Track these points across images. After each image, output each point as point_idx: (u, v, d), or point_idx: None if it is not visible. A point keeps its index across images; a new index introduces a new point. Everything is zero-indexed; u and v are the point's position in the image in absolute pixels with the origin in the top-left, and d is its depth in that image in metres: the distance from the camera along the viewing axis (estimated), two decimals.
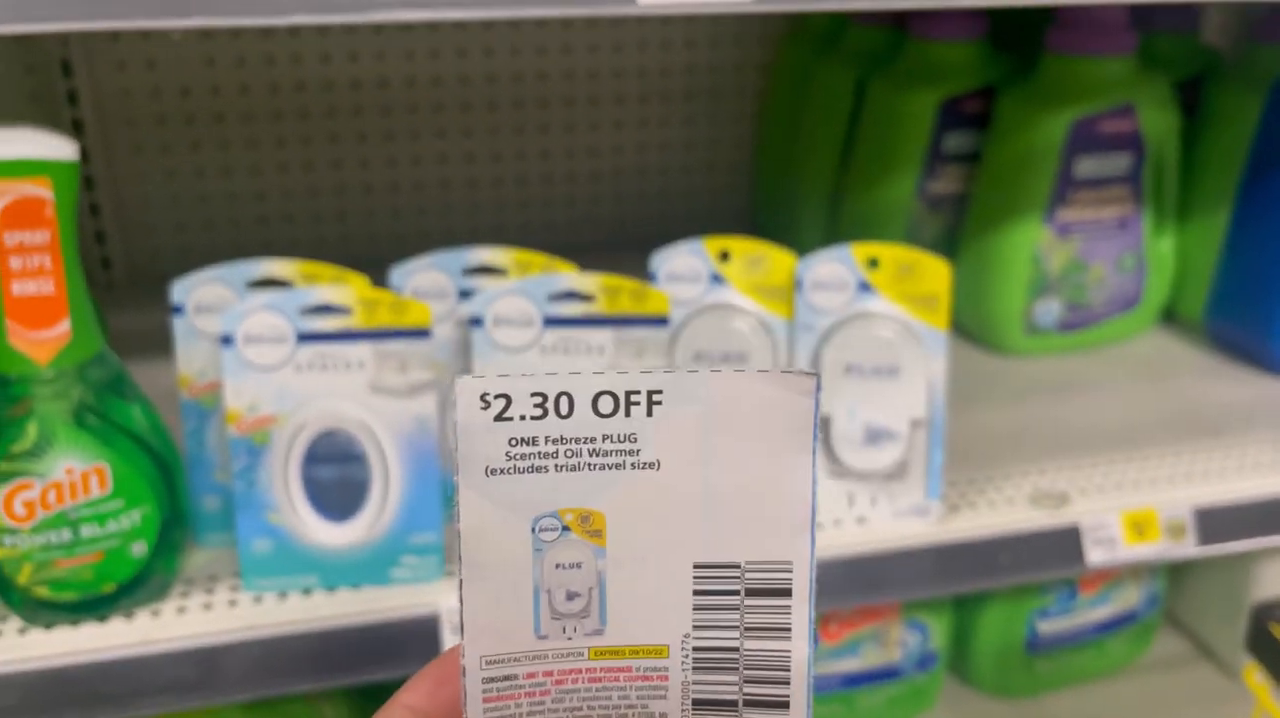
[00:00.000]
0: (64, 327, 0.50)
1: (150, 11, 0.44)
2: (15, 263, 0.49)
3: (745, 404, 0.25)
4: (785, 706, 0.27)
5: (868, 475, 0.63)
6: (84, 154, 0.84)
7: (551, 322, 0.59)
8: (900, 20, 0.91)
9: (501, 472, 0.25)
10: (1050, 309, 0.86)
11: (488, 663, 0.26)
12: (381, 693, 0.34)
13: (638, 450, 0.26)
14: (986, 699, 0.91)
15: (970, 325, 0.90)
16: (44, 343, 0.50)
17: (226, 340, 0.55)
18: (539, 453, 0.25)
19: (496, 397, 0.25)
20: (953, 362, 0.64)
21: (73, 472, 0.52)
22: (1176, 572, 0.94)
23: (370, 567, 0.58)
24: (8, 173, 0.48)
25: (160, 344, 0.69)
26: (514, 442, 0.25)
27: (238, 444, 0.56)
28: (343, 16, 0.46)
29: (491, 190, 1.06)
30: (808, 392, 0.25)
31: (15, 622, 0.55)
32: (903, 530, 0.63)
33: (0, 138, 0.48)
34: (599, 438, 0.25)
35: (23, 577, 0.53)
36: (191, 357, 0.60)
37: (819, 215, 0.97)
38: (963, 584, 0.64)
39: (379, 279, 0.60)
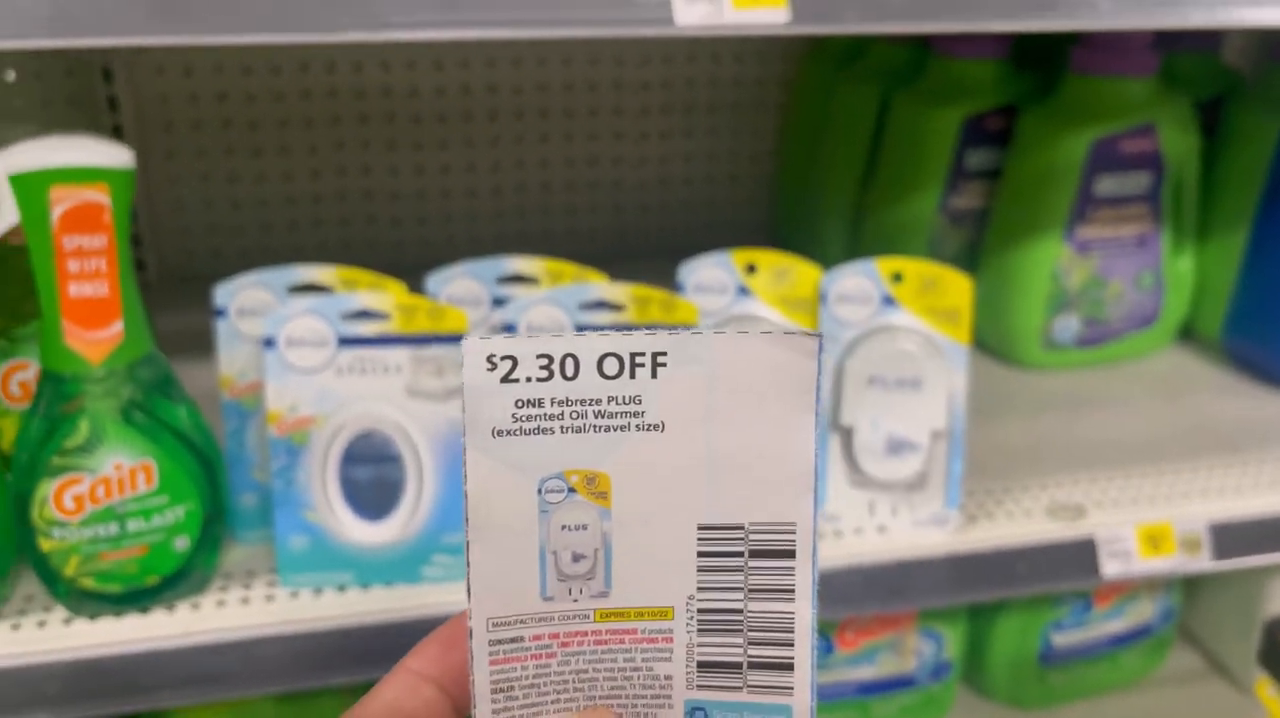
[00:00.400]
0: (117, 328, 0.52)
1: (213, 28, 0.46)
2: (73, 266, 0.51)
3: (749, 365, 0.25)
4: (789, 667, 0.27)
5: (889, 485, 0.65)
6: None
7: (583, 330, 0.60)
8: (924, 38, 0.93)
9: (508, 433, 0.25)
10: (1069, 325, 0.87)
11: (494, 625, 0.26)
12: None
13: (642, 412, 0.25)
14: (1000, 710, 0.92)
15: (989, 340, 0.91)
16: (98, 343, 0.52)
17: (269, 343, 0.57)
18: (545, 414, 0.25)
19: (503, 358, 0.25)
20: (972, 375, 0.65)
21: (121, 468, 0.54)
22: (1191, 587, 0.95)
23: (403, 565, 0.60)
24: (68, 179, 0.50)
25: (194, 345, 0.71)
26: (520, 403, 0.25)
27: (278, 444, 0.58)
28: (397, 34, 0.47)
29: (516, 198, 1.08)
30: (810, 353, 0.25)
31: (60, 612, 0.57)
32: (922, 540, 0.65)
33: (61, 146, 0.50)
34: (604, 399, 0.25)
35: (70, 569, 0.55)
36: (233, 358, 0.61)
37: (841, 229, 0.98)
38: (980, 593, 0.65)
39: (411, 286, 0.62)
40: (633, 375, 0.25)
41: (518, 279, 0.65)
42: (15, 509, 0.54)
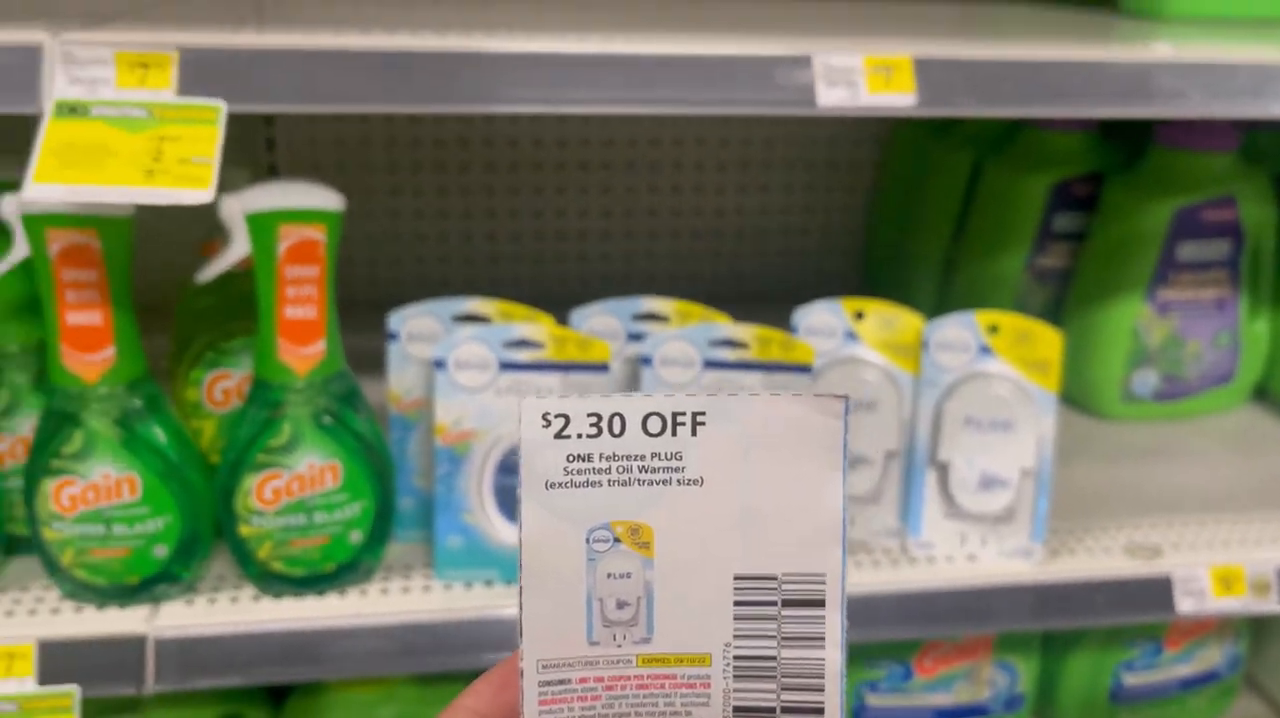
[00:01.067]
0: (320, 346, 0.61)
1: (433, 99, 0.55)
2: (291, 292, 0.60)
3: (781, 426, 0.27)
4: (820, 712, 0.29)
5: (980, 518, 0.71)
6: None
7: (710, 364, 0.68)
8: None
9: (560, 485, 0.27)
10: (1147, 380, 0.93)
11: (544, 667, 0.28)
12: None
13: (683, 468, 0.27)
14: None
15: (1071, 391, 0.97)
16: (304, 358, 0.61)
17: (440, 364, 0.66)
18: (594, 469, 0.27)
19: (556, 416, 0.27)
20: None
21: (313, 467, 0.62)
22: (1257, 637, 0.99)
23: None
24: (292, 219, 0.59)
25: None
26: (571, 458, 0.27)
27: (442, 453, 0.66)
28: (574, 108, 0.56)
29: (623, 243, 1.16)
30: (838, 414, 0.27)
31: (250, 591, 0.66)
32: (1008, 569, 0.71)
33: (288, 190, 0.59)
34: (648, 455, 0.27)
35: (263, 552, 0.64)
36: (402, 377, 0.70)
37: (930, 283, 1.05)
38: (1061, 621, 0.70)
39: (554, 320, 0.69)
40: (674, 433, 0.27)
41: (650, 317, 0.72)
42: (221, 499, 0.63)
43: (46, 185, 0.47)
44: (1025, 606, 0.69)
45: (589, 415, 0.27)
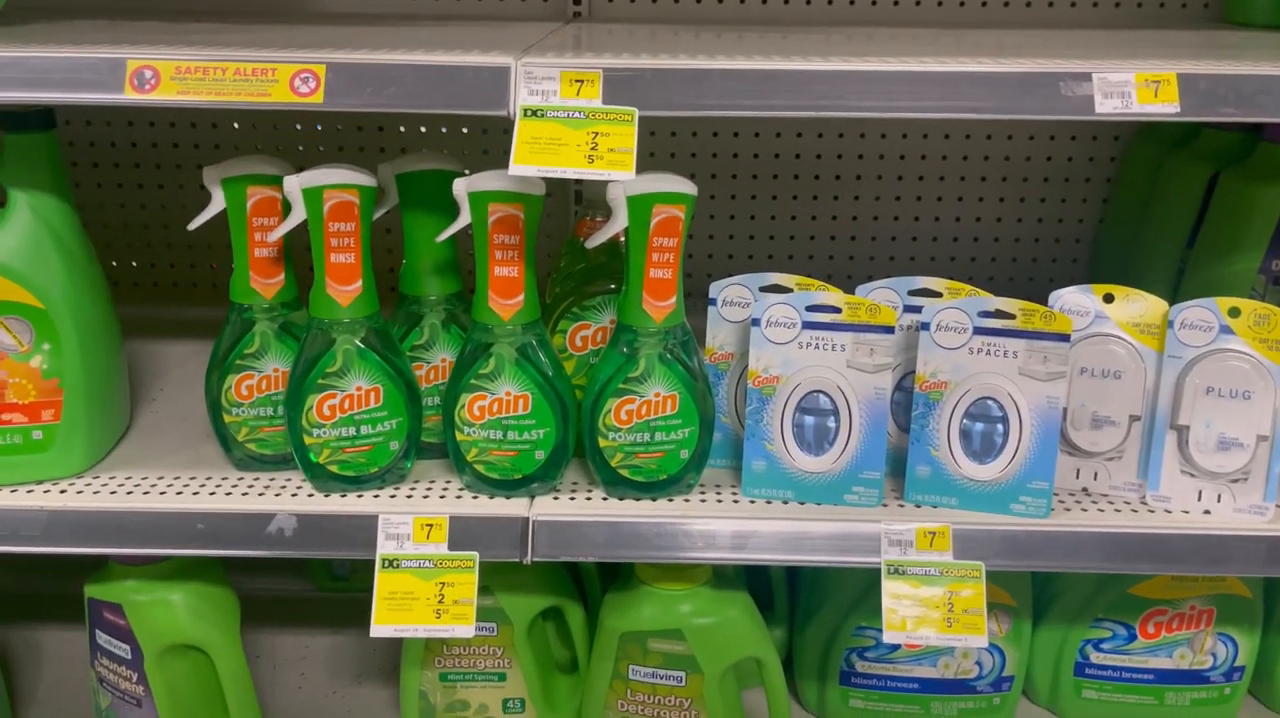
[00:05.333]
0: (673, 301, 0.78)
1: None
2: (655, 257, 0.77)
3: None
4: None
5: (1215, 476, 0.81)
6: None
7: (980, 331, 0.81)
8: (1254, 124, 1.08)
9: None
10: None
11: None
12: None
13: None
14: None
15: None
16: (660, 310, 0.78)
17: (755, 322, 0.82)
18: None
19: None
20: None
21: (659, 395, 0.80)
22: None
23: (830, 490, 0.83)
24: (662, 200, 0.76)
25: None
26: None
27: (752, 393, 0.82)
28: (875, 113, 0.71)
29: (890, 239, 1.29)
30: None
31: (600, 492, 0.84)
32: (1242, 523, 0.80)
33: (656, 179, 0.76)
34: None
35: (614, 461, 0.81)
36: (716, 334, 0.87)
37: (1164, 285, 1.13)
38: None
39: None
40: None
41: (925, 293, 0.86)
42: (586, 417, 0.81)
43: (523, 166, 0.66)
44: (1259, 554, 0.79)
45: None
